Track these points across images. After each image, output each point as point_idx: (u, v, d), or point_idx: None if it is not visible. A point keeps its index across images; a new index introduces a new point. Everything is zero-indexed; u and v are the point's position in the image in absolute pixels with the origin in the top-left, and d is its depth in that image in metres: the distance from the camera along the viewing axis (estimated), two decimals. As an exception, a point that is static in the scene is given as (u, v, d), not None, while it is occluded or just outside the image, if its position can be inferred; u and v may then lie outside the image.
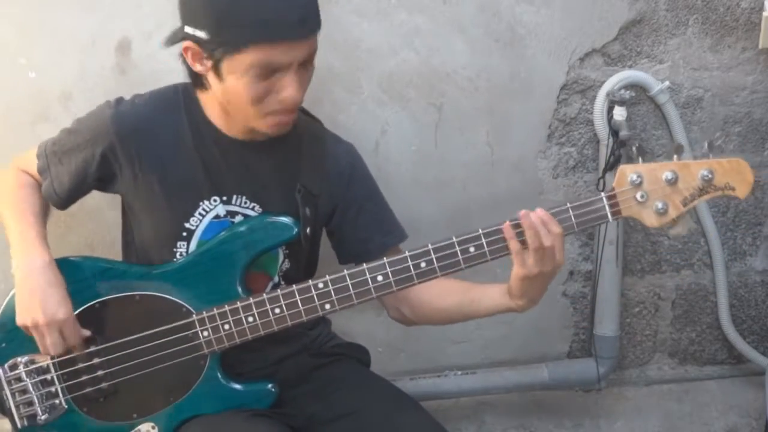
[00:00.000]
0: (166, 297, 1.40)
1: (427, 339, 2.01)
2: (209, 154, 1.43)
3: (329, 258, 1.59)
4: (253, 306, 1.37)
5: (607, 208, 1.30)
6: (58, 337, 1.35)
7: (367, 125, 1.82)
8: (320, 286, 1.35)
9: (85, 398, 1.41)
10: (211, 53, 1.28)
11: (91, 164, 1.42)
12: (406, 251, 1.33)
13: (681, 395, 2.14)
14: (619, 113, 1.79)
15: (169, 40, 1.37)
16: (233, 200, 1.44)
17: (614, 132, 1.82)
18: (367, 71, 1.79)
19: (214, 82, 1.33)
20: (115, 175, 1.43)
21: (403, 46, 1.78)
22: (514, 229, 1.29)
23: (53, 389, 1.41)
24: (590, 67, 1.84)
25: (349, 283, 1.34)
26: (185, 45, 1.31)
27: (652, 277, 2.05)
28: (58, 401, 1.41)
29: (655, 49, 1.85)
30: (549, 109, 1.87)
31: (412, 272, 1.33)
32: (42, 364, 1.40)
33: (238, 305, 1.37)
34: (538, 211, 1.29)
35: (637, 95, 1.85)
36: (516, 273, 1.32)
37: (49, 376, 1.40)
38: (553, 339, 2.07)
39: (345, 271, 1.34)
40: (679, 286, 2.06)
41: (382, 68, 1.79)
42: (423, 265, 1.32)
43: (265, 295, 1.37)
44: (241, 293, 1.40)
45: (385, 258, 1.34)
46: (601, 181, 1.85)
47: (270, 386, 1.44)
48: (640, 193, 1.29)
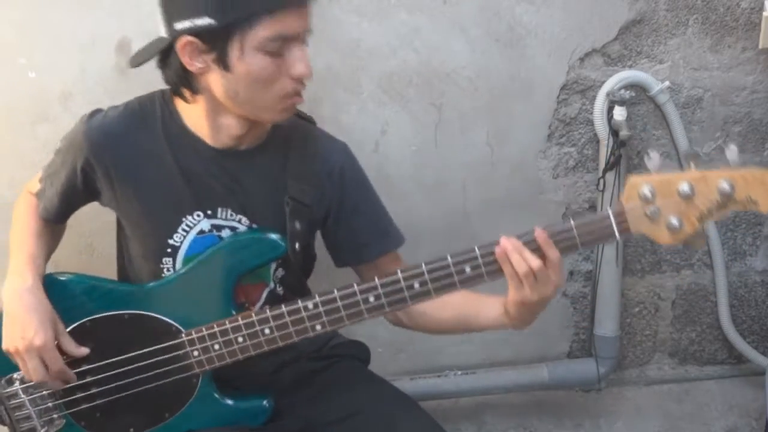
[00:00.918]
0: (155, 316, 1.37)
1: (427, 339, 1.99)
2: (190, 166, 1.37)
3: (327, 257, 1.59)
4: (243, 327, 1.33)
5: (614, 226, 1.18)
6: (39, 363, 1.32)
7: (367, 125, 1.82)
8: (310, 307, 1.30)
9: (81, 413, 1.40)
10: (215, 42, 1.23)
11: (75, 181, 1.39)
12: (399, 271, 1.27)
13: (681, 395, 2.14)
14: (619, 113, 1.79)
15: (138, 59, 1.31)
16: (218, 213, 1.40)
17: (614, 132, 1.82)
18: (367, 71, 1.79)
19: (214, 79, 1.28)
20: (99, 190, 1.40)
21: (403, 46, 1.78)
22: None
23: (51, 404, 1.39)
24: (590, 67, 1.84)
25: (339, 305, 1.29)
26: (182, 42, 1.24)
27: (652, 277, 2.05)
28: (56, 416, 1.40)
29: (655, 49, 1.85)
30: (549, 109, 1.87)
31: (405, 294, 1.27)
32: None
33: (227, 326, 1.33)
34: (512, 240, 1.20)
35: (637, 95, 1.85)
36: (512, 298, 1.25)
37: (45, 392, 1.39)
38: (553, 339, 2.07)
39: (335, 292, 1.29)
40: (679, 286, 2.06)
41: (382, 68, 1.79)
42: (416, 286, 1.26)
43: (254, 316, 1.32)
44: (231, 311, 1.37)
45: (376, 278, 1.28)
46: (601, 181, 1.86)
47: (265, 402, 1.41)
48: (651, 209, 1.16)
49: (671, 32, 1.84)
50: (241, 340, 1.33)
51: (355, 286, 1.29)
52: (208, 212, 1.39)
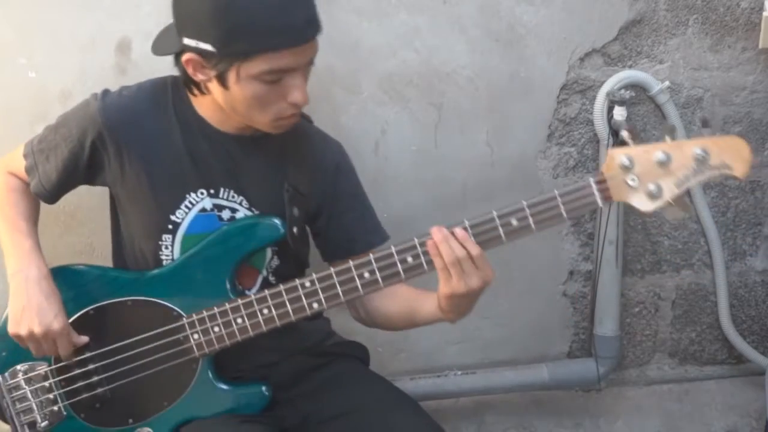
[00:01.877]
0: (157, 301, 1.40)
1: (427, 339, 2.01)
2: (197, 147, 1.42)
3: (316, 259, 1.59)
4: (242, 307, 1.36)
5: (596, 194, 1.24)
6: (52, 347, 1.37)
7: (367, 125, 1.82)
8: (307, 285, 1.34)
9: (81, 404, 1.42)
10: (215, 65, 1.28)
11: (81, 155, 1.42)
12: (392, 246, 1.31)
13: (681, 395, 2.14)
14: (619, 113, 1.79)
15: (162, 49, 1.37)
16: (220, 193, 1.44)
17: (614, 132, 1.82)
18: (367, 71, 1.79)
19: (216, 90, 1.33)
20: (104, 166, 1.43)
21: (403, 46, 1.78)
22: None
23: (52, 396, 1.41)
24: (590, 67, 1.84)
25: (335, 281, 1.33)
26: (186, 57, 1.30)
27: (652, 277, 2.05)
28: (57, 408, 1.42)
29: (655, 49, 1.85)
30: (549, 109, 1.87)
31: (399, 268, 1.31)
32: (40, 372, 1.41)
33: (227, 307, 1.37)
34: (442, 230, 1.27)
35: (637, 95, 1.85)
36: (442, 290, 1.29)
37: (48, 383, 1.41)
38: (553, 339, 2.07)
39: (331, 269, 1.33)
40: (679, 286, 2.06)
41: (382, 68, 1.79)
42: (410, 260, 1.30)
43: (252, 296, 1.36)
44: (231, 294, 1.40)
45: (371, 254, 1.32)
46: (601, 181, 1.86)
47: (264, 389, 1.43)
48: (630, 177, 1.22)
49: (671, 32, 1.84)
50: (240, 321, 1.37)
51: (351, 262, 1.33)
52: (211, 191, 1.44)
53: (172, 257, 1.44)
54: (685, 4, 1.82)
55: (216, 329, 1.37)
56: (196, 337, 1.38)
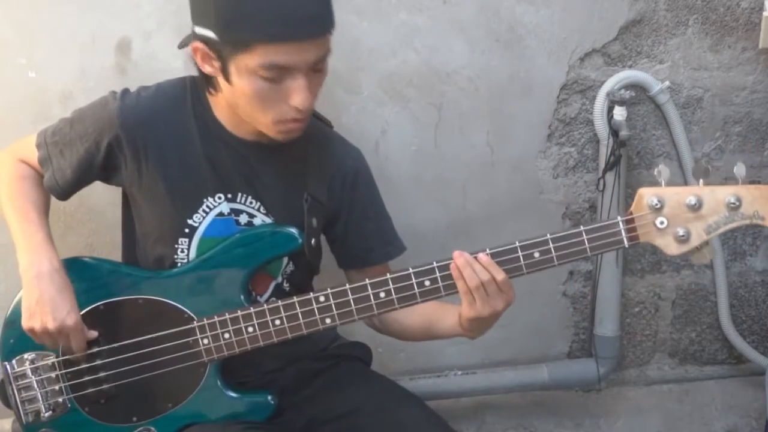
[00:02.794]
0: (169, 302, 1.40)
1: (427, 339, 2.01)
2: (216, 152, 1.41)
3: (329, 264, 1.59)
4: (254, 316, 1.35)
5: (623, 233, 1.23)
6: (66, 341, 1.36)
7: (367, 125, 1.82)
8: (321, 299, 1.33)
9: (86, 398, 1.41)
10: (219, 54, 1.26)
11: (96, 156, 1.40)
12: (410, 268, 1.31)
13: (681, 395, 2.14)
14: (619, 113, 1.79)
15: (183, 43, 1.37)
16: (238, 198, 1.43)
17: (614, 132, 1.82)
18: (367, 71, 1.79)
19: (223, 84, 1.32)
20: (120, 167, 1.42)
21: (403, 46, 1.78)
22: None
23: (57, 387, 1.41)
24: (590, 67, 1.84)
25: (350, 298, 1.33)
26: (194, 46, 1.29)
27: (652, 277, 2.05)
28: (62, 399, 1.41)
29: (655, 49, 1.85)
30: (549, 109, 1.87)
31: (416, 290, 1.31)
32: (48, 362, 1.41)
33: (239, 314, 1.36)
34: (464, 254, 1.26)
35: (637, 95, 1.85)
36: (465, 313, 1.30)
37: (54, 374, 1.41)
38: (553, 339, 2.07)
39: (347, 285, 1.33)
40: (679, 286, 2.06)
41: (382, 68, 1.79)
42: (427, 283, 1.30)
43: (265, 306, 1.35)
44: (244, 302, 1.39)
45: (388, 275, 1.32)
46: (601, 181, 1.86)
47: (269, 398, 1.43)
48: (660, 219, 1.20)
49: (671, 32, 1.84)
50: (251, 330, 1.36)
51: (367, 281, 1.32)
52: (229, 196, 1.43)
53: (188, 260, 1.43)
54: (685, 4, 1.82)
55: (226, 336, 1.37)
56: (205, 341, 1.38)
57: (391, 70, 1.80)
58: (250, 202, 1.43)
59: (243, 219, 1.44)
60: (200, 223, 1.42)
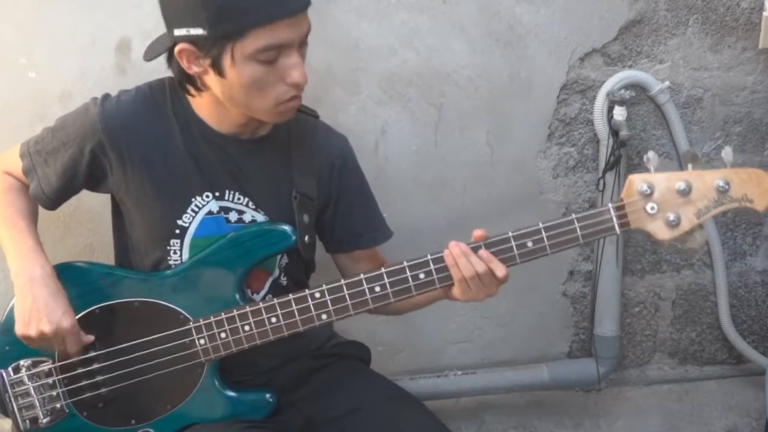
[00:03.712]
0: (164, 304, 1.40)
1: (427, 339, 2.01)
2: (199, 150, 1.41)
3: (323, 261, 1.59)
4: (250, 315, 1.36)
5: (614, 220, 1.25)
6: (62, 345, 1.36)
7: (367, 125, 1.82)
8: (317, 295, 1.34)
9: (84, 403, 1.41)
10: (209, 50, 1.26)
11: (80, 162, 1.40)
12: (405, 261, 1.32)
13: (681, 395, 2.14)
14: (619, 113, 1.79)
15: (150, 53, 1.35)
16: (226, 195, 1.43)
17: (614, 132, 1.82)
18: (367, 71, 1.79)
19: (212, 81, 1.31)
20: (106, 173, 1.41)
21: (403, 46, 1.78)
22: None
23: (55, 393, 1.41)
24: (590, 67, 1.84)
25: (346, 293, 1.33)
26: (179, 48, 1.28)
27: (652, 277, 2.05)
28: (59, 405, 1.41)
29: (655, 49, 1.85)
30: (549, 109, 1.87)
31: (411, 283, 1.32)
32: (44, 368, 1.41)
33: (235, 313, 1.36)
34: (461, 245, 1.30)
35: (637, 95, 1.85)
36: (458, 297, 1.33)
37: (51, 380, 1.41)
38: (553, 339, 2.07)
39: (342, 281, 1.34)
40: (679, 286, 2.06)
41: (382, 68, 1.79)
42: (422, 276, 1.32)
43: (261, 304, 1.36)
44: (239, 301, 1.39)
45: (383, 268, 1.32)
46: (601, 181, 1.86)
47: (268, 396, 1.43)
48: (650, 205, 1.22)
49: (671, 32, 1.84)
50: (247, 328, 1.36)
51: (362, 275, 1.33)
52: (217, 194, 1.42)
53: (181, 261, 1.43)
54: (685, 4, 1.82)
55: (223, 335, 1.37)
56: (202, 342, 1.38)
57: (391, 70, 1.80)
58: (238, 198, 1.43)
59: (233, 216, 1.43)
60: (190, 223, 1.42)
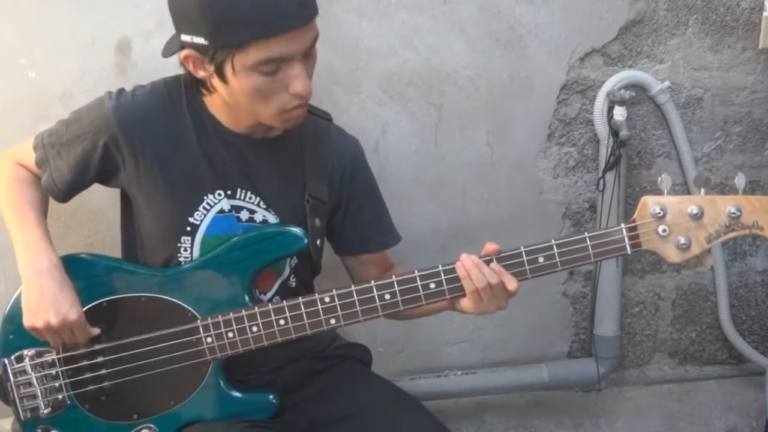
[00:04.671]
0: (172, 300, 1.40)
1: (427, 339, 2.01)
2: (212, 148, 1.41)
3: (331, 263, 1.59)
4: (258, 316, 1.36)
5: (626, 240, 1.27)
6: (70, 337, 1.36)
7: (367, 125, 1.82)
8: (326, 300, 1.34)
9: (87, 395, 1.41)
10: (212, 58, 1.27)
11: (93, 156, 1.40)
12: (416, 270, 1.33)
13: (681, 395, 2.14)
14: (619, 113, 1.79)
15: (167, 50, 1.36)
16: (237, 194, 1.43)
17: (614, 132, 1.82)
18: (367, 71, 1.79)
19: (218, 85, 1.32)
20: (118, 168, 1.41)
21: (403, 46, 1.78)
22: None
23: (57, 384, 1.40)
24: (590, 67, 1.84)
25: (356, 299, 1.34)
26: (185, 54, 1.29)
27: (652, 277, 2.05)
28: (61, 396, 1.41)
29: (655, 49, 1.85)
30: (549, 109, 1.87)
31: (421, 293, 1.33)
32: (48, 359, 1.40)
33: (243, 314, 1.36)
34: (472, 257, 1.31)
35: (637, 95, 1.85)
36: (469, 309, 1.34)
37: (54, 371, 1.40)
38: (553, 339, 2.07)
39: (352, 287, 1.34)
40: (679, 286, 2.06)
41: (382, 68, 1.79)
42: (432, 286, 1.32)
43: (270, 306, 1.36)
44: (248, 301, 1.39)
45: (393, 277, 1.33)
46: (601, 181, 1.86)
47: (271, 397, 1.43)
48: (662, 227, 1.25)
49: (671, 32, 1.84)
50: (255, 329, 1.37)
51: (372, 282, 1.34)
52: (228, 192, 1.43)
53: (191, 259, 1.43)
54: (685, 4, 1.82)
55: (230, 335, 1.37)
56: (209, 340, 1.38)
57: (391, 70, 1.80)
58: (250, 198, 1.44)
59: (244, 215, 1.44)
60: (201, 221, 1.42)
